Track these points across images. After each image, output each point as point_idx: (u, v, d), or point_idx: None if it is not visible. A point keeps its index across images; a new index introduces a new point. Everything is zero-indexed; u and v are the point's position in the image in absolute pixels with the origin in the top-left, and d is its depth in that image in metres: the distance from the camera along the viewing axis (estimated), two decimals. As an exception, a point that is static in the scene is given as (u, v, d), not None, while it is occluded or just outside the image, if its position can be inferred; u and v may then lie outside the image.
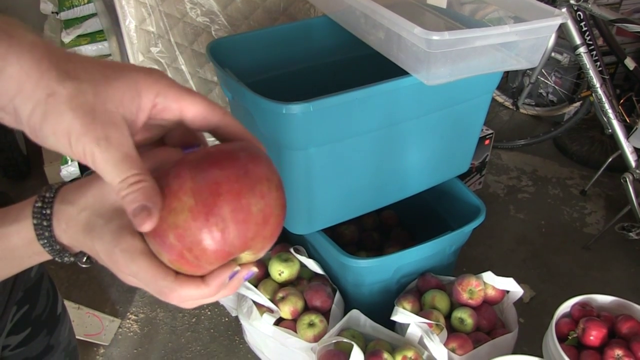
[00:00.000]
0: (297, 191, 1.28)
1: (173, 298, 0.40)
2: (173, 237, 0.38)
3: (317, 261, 1.49)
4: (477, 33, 1.07)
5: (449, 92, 1.29)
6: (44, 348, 0.81)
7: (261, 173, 0.41)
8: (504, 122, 2.64)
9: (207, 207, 0.38)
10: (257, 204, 0.39)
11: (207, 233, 0.38)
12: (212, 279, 0.40)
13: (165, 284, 0.40)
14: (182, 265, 0.39)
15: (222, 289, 0.41)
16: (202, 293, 0.40)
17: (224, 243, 0.39)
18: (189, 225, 0.38)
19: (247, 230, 0.39)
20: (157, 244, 0.39)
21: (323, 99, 1.12)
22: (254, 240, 0.40)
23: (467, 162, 1.56)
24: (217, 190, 0.38)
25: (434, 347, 1.25)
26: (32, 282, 0.79)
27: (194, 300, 0.41)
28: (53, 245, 0.43)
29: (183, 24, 1.58)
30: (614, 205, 2.15)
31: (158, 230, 0.39)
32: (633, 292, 1.80)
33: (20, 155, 2.22)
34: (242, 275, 0.42)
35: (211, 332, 1.71)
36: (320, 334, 1.35)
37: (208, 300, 0.42)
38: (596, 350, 1.24)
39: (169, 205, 0.38)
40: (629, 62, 1.94)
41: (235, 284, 0.42)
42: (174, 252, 0.39)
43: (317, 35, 1.54)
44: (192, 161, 0.40)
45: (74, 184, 0.44)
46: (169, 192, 0.38)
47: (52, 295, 0.83)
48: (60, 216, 0.42)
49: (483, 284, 1.39)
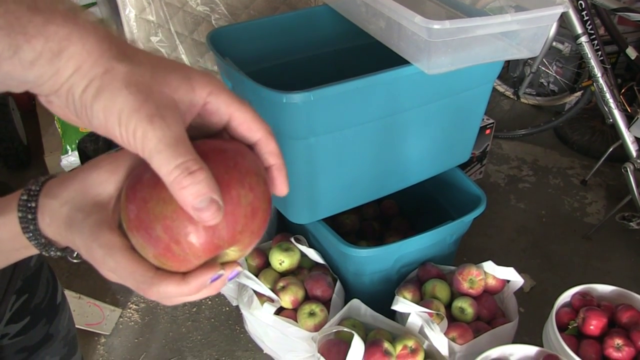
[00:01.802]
0: (298, 181, 1.28)
1: (152, 294, 0.39)
2: (160, 229, 0.37)
3: (318, 251, 1.49)
4: (478, 22, 1.06)
5: (450, 82, 1.29)
6: (43, 337, 0.81)
7: (250, 167, 0.40)
8: (505, 112, 2.63)
9: None
10: (246, 196, 0.38)
11: (197, 224, 0.37)
12: (193, 279, 0.39)
13: (144, 279, 0.39)
14: (168, 259, 0.38)
15: (203, 289, 0.40)
16: (182, 291, 0.39)
17: (213, 235, 0.37)
18: (178, 215, 0.36)
19: (236, 223, 0.38)
20: (141, 237, 0.38)
21: (323, 88, 1.11)
22: (242, 234, 0.39)
23: (467, 152, 1.56)
24: None
25: (435, 337, 1.26)
26: (31, 271, 0.78)
27: (173, 297, 0.40)
28: (38, 239, 0.43)
29: (183, 13, 1.58)
30: (615, 195, 2.15)
31: (143, 222, 0.37)
32: (633, 282, 1.81)
33: (21, 145, 2.21)
34: (225, 277, 0.40)
35: (212, 322, 1.71)
36: (321, 323, 1.35)
37: (190, 299, 0.41)
38: (596, 340, 1.24)
39: (156, 195, 0.37)
40: (630, 51, 1.94)
41: (218, 284, 0.40)
42: (160, 245, 0.37)
43: (317, 25, 1.53)
44: None
45: (60, 177, 0.43)
46: (157, 182, 0.37)
47: (51, 285, 0.83)
48: (44, 210, 0.42)
49: (483, 274, 1.39)
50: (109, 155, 0.43)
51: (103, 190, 0.41)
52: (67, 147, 2.00)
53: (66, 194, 0.41)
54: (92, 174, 0.42)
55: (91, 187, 0.41)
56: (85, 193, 0.41)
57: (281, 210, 1.44)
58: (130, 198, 0.39)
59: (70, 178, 0.42)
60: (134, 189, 0.39)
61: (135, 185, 0.39)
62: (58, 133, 2.12)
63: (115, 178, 0.42)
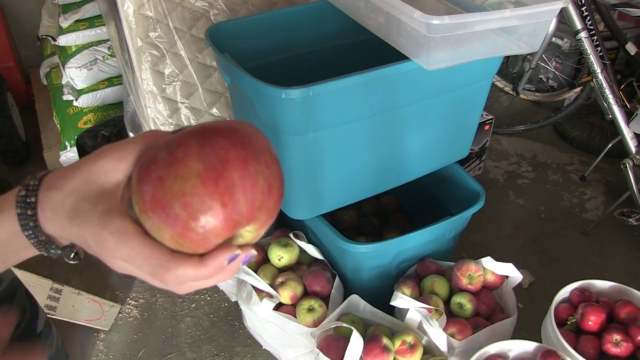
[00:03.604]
0: (297, 176, 1.28)
1: (169, 278, 0.38)
2: (179, 207, 0.36)
3: (317, 246, 1.49)
4: (478, 17, 1.06)
5: (449, 77, 1.29)
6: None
7: (263, 145, 0.40)
8: (504, 108, 2.63)
9: (216, 173, 0.37)
10: (262, 173, 0.39)
11: (218, 199, 0.36)
12: (211, 260, 0.39)
13: (160, 263, 0.38)
14: (186, 239, 0.38)
15: (220, 272, 0.40)
16: (199, 274, 0.38)
17: (233, 210, 0.37)
18: (198, 191, 0.36)
19: (255, 199, 0.38)
20: (158, 218, 0.37)
21: (322, 83, 1.11)
22: (260, 210, 0.39)
23: (466, 148, 1.56)
24: (225, 156, 0.37)
25: (433, 332, 1.26)
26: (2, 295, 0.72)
27: (190, 281, 0.39)
28: (38, 236, 0.41)
29: (182, 8, 1.57)
30: (614, 191, 2.15)
31: (160, 201, 0.37)
32: (632, 278, 1.81)
33: (20, 141, 2.21)
34: (241, 259, 0.40)
35: (211, 317, 1.71)
36: (320, 319, 1.36)
37: (205, 283, 0.40)
38: (595, 335, 1.24)
39: (174, 173, 0.37)
40: (630, 47, 1.93)
41: (233, 267, 0.40)
42: (179, 224, 0.37)
43: (316, 20, 1.53)
44: (195, 131, 0.39)
45: (60, 170, 0.42)
46: (174, 160, 0.37)
47: (29, 311, 0.77)
48: (45, 204, 0.41)
49: (482, 270, 1.39)
50: (115, 144, 0.43)
51: (111, 179, 0.41)
52: (65, 143, 2.00)
53: (70, 185, 0.41)
54: (98, 163, 0.41)
55: (97, 176, 0.41)
56: (91, 182, 0.40)
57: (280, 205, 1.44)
58: (144, 179, 0.38)
59: (74, 169, 0.42)
60: (149, 169, 0.38)
61: (149, 165, 0.38)
62: (57, 129, 2.12)
63: (123, 166, 0.41)
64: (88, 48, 2.04)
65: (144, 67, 1.58)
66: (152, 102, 1.63)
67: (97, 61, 2.03)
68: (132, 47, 1.57)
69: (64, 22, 2.02)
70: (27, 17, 2.56)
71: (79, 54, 2.01)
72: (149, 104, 1.63)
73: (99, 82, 2.06)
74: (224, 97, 1.71)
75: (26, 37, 2.59)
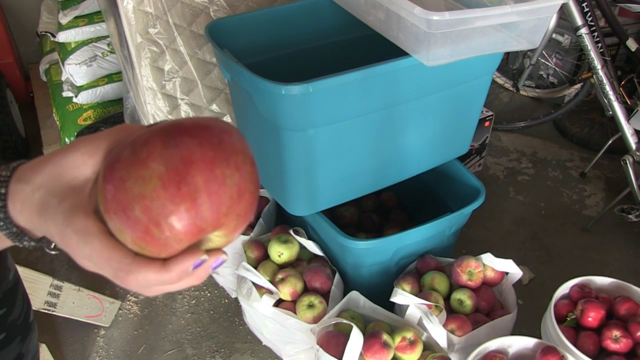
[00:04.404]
0: (297, 172, 1.28)
1: (130, 282, 0.37)
2: (139, 210, 0.35)
3: (317, 243, 1.49)
4: (478, 13, 1.06)
5: (449, 73, 1.29)
6: (15, 356, 0.74)
7: (236, 145, 0.38)
8: (504, 104, 2.63)
9: (178, 175, 0.35)
10: (231, 176, 0.36)
11: (179, 204, 0.34)
12: (174, 265, 0.37)
13: (121, 266, 0.36)
14: (147, 243, 0.36)
15: (186, 277, 0.38)
16: (162, 279, 0.37)
17: (196, 216, 0.35)
18: (158, 195, 0.34)
19: (221, 204, 0.36)
20: (119, 219, 0.36)
21: (322, 79, 1.11)
22: (227, 216, 0.37)
23: (466, 144, 1.56)
24: (190, 158, 0.35)
25: (433, 328, 1.26)
26: (10, 285, 0.73)
27: (153, 286, 0.38)
28: (10, 227, 0.40)
29: (181, 4, 1.57)
30: (614, 187, 2.15)
31: (121, 203, 0.35)
32: (631, 274, 1.81)
33: (19, 138, 2.21)
34: (209, 264, 0.38)
35: (211, 314, 1.71)
36: (320, 315, 1.36)
37: (172, 287, 0.39)
38: (594, 331, 1.24)
39: (135, 174, 0.35)
40: (631, 43, 1.93)
41: (201, 273, 0.38)
42: (139, 228, 0.35)
43: (316, 16, 1.52)
44: (162, 129, 0.37)
45: (32, 162, 0.41)
46: (136, 160, 0.35)
47: (26, 301, 0.78)
48: (15, 196, 0.40)
49: (482, 266, 1.39)
50: (86, 138, 0.41)
51: (79, 174, 0.39)
52: (65, 140, 2.00)
53: (39, 179, 0.39)
54: (68, 157, 0.40)
55: (66, 170, 0.39)
56: (60, 177, 0.39)
57: (280, 202, 1.44)
58: (107, 178, 0.36)
59: (44, 162, 0.40)
60: (112, 168, 0.36)
61: (113, 164, 0.36)
62: (56, 126, 2.12)
63: (92, 161, 0.39)
64: (87, 44, 2.03)
65: (143, 64, 1.58)
66: (152, 99, 1.63)
67: (96, 58, 2.03)
68: (132, 43, 1.56)
69: (64, 18, 2.02)
70: (27, 13, 2.55)
71: (78, 51, 2.01)
72: (149, 101, 1.63)
73: (98, 79, 2.06)
74: (224, 94, 1.71)
75: (25, 33, 2.59)
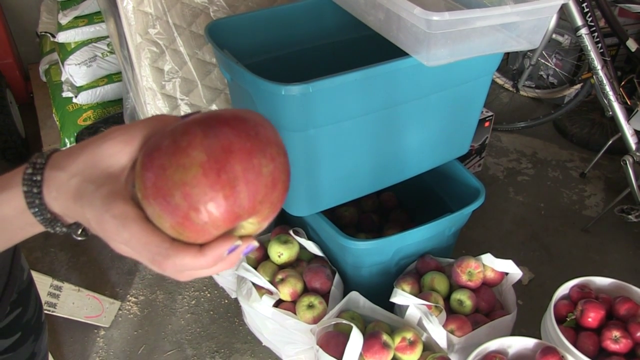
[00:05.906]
0: (297, 173, 1.27)
1: (167, 266, 0.38)
2: (179, 196, 0.36)
3: (317, 243, 1.49)
4: (478, 13, 1.06)
5: (449, 74, 1.29)
6: (29, 355, 0.76)
7: (270, 137, 0.39)
8: (504, 104, 2.63)
9: (219, 164, 0.36)
10: (267, 166, 0.38)
11: (219, 190, 0.36)
12: (210, 250, 0.38)
13: (159, 250, 0.38)
14: (185, 229, 0.37)
15: (220, 262, 0.40)
16: (199, 263, 0.38)
17: (234, 203, 0.37)
18: (199, 182, 0.36)
19: (257, 192, 0.38)
20: (159, 205, 0.37)
21: (322, 80, 1.11)
22: (262, 204, 0.39)
23: (466, 144, 1.56)
24: (229, 148, 0.37)
25: (433, 329, 1.26)
26: (24, 284, 0.75)
27: (189, 270, 0.39)
28: (44, 214, 0.41)
29: (181, 5, 1.57)
30: (614, 187, 2.15)
31: (162, 189, 0.36)
32: (631, 274, 1.81)
33: (19, 138, 2.21)
34: (241, 250, 0.40)
35: (211, 314, 1.71)
36: (320, 315, 1.36)
37: (205, 272, 0.40)
38: (594, 332, 1.24)
39: (176, 162, 0.36)
40: (631, 43, 1.93)
41: (233, 258, 0.40)
42: (179, 214, 0.36)
43: (316, 17, 1.52)
44: (201, 120, 0.38)
45: (67, 149, 0.42)
46: (177, 148, 0.36)
47: (38, 301, 0.80)
48: (50, 183, 0.41)
49: (482, 266, 1.39)
50: (122, 127, 0.42)
51: (116, 162, 0.41)
52: (65, 140, 2.00)
53: (75, 166, 0.40)
54: (104, 145, 0.41)
55: (103, 158, 0.40)
56: (97, 165, 0.40)
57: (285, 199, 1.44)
58: (147, 166, 0.38)
59: (80, 150, 0.41)
60: (152, 156, 0.38)
61: (152, 152, 0.38)
62: (56, 126, 2.11)
63: (129, 149, 0.41)
64: (87, 45, 2.03)
65: (143, 64, 1.58)
66: (152, 99, 1.63)
67: (96, 58, 2.03)
68: (132, 43, 1.56)
69: (63, 18, 2.02)
70: (26, 13, 2.55)
71: (78, 51, 2.01)
72: (149, 101, 1.63)
73: (98, 79, 2.06)
74: (224, 94, 1.71)
75: (25, 33, 2.59)
